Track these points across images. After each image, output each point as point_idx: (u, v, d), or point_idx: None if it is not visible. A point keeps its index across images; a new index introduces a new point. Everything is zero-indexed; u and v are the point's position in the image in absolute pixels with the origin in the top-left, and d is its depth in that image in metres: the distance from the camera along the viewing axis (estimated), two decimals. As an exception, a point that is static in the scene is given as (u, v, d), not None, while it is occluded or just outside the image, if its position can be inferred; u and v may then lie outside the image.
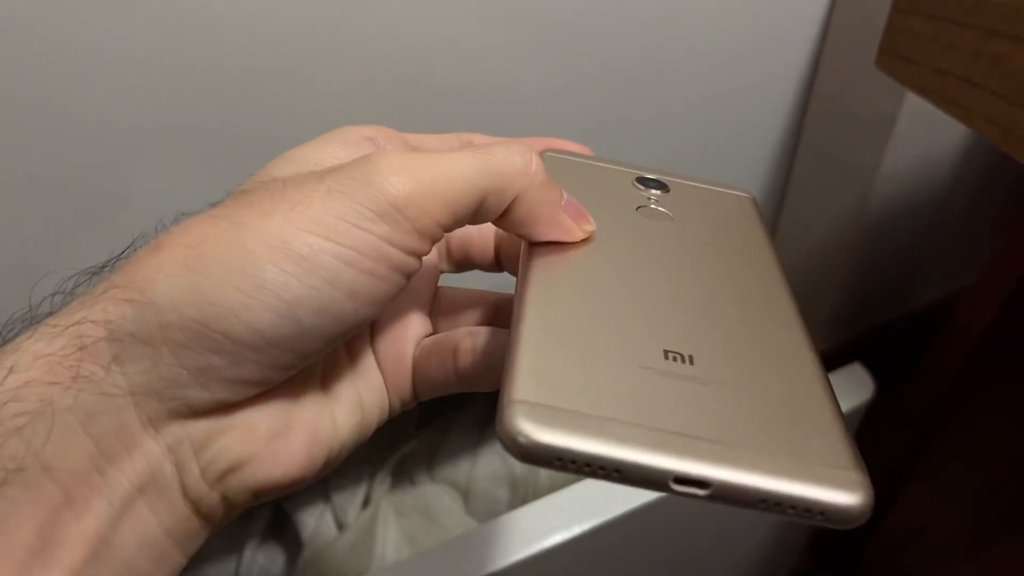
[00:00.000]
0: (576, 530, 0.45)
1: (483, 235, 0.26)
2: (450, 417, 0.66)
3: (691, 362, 0.19)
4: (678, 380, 0.18)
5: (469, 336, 0.22)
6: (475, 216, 0.20)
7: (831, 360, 0.88)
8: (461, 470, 0.64)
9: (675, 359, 0.19)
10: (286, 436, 0.19)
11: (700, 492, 0.16)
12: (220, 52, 0.37)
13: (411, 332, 0.23)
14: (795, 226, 0.86)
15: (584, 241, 0.23)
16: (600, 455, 0.16)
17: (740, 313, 0.21)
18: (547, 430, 0.16)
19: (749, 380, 0.19)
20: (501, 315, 0.25)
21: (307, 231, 0.17)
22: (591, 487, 0.47)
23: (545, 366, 0.18)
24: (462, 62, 0.42)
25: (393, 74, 0.41)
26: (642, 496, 0.46)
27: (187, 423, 0.18)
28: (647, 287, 0.22)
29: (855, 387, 0.52)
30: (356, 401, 0.21)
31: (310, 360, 0.19)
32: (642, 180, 0.26)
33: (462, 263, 0.26)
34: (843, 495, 0.16)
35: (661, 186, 0.26)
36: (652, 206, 0.25)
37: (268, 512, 0.62)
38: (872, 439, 0.63)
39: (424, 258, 0.23)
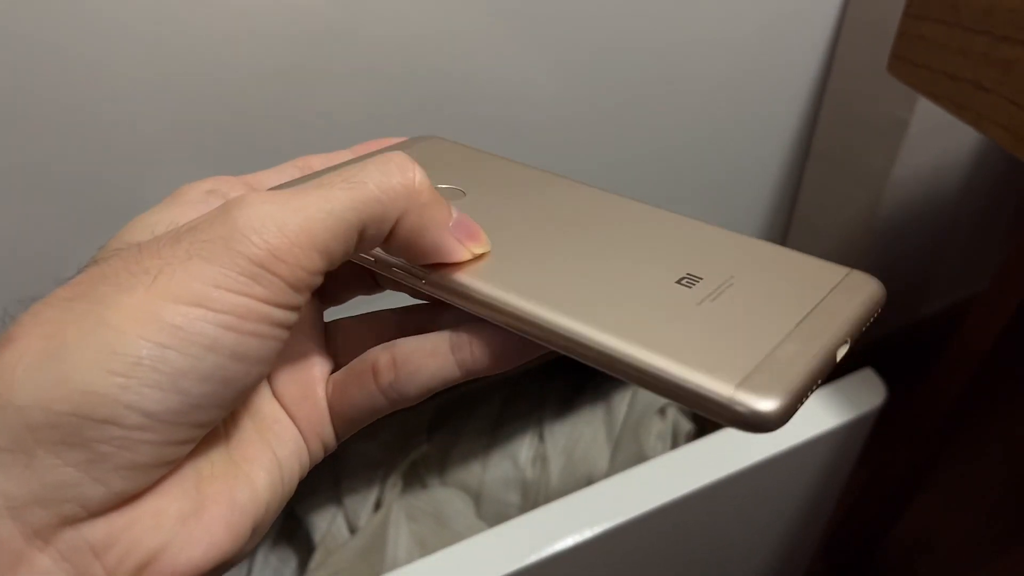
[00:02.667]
0: (587, 533, 0.45)
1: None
2: (461, 421, 0.66)
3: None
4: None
5: (384, 351, 0.21)
6: (357, 249, 0.19)
7: (843, 365, 0.88)
8: (472, 474, 0.64)
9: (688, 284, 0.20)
10: (199, 514, 0.18)
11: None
12: (234, 57, 0.37)
13: (316, 373, 0.22)
14: (806, 231, 0.86)
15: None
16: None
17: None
18: (768, 392, 0.17)
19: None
20: (405, 327, 0.23)
21: (176, 301, 0.16)
22: (601, 491, 0.47)
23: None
24: (467, 61, 0.43)
25: (399, 80, 0.42)
26: (652, 500, 0.46)
27: (83, 526, 0.16)
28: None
29: (866, 392, 0.51)
30: (271, 459, 0.20)
31: (206, 429, 0.18)
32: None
33: (339, 293, 0.25)
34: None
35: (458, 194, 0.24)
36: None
37: (280, 515, 0.62)
38: (883, 445, 0.63)
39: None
